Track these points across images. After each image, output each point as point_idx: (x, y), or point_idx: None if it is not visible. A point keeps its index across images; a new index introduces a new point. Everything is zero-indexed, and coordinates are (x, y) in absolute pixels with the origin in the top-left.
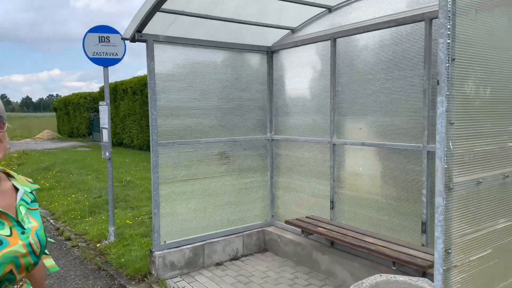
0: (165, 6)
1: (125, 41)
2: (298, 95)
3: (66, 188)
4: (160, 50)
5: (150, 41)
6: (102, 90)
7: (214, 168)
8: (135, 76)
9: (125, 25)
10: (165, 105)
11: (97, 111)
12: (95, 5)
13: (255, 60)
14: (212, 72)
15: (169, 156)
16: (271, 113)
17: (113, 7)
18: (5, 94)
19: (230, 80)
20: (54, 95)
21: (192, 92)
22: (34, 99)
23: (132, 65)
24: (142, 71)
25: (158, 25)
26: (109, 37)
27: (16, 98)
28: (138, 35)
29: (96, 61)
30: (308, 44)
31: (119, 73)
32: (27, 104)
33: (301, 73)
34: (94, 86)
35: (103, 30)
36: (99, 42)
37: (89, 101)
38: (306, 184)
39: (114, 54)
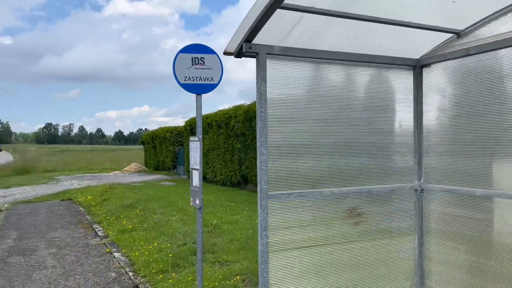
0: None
1: (224, 59)
2: (465, 125)
3: (149, 231)
4: (274, 67)
5: (262, 55)
6: (187, 124)
7: (341, 229)
8: (219, 109)
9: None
10: (277, 142)
11: (182, 144)
12: (182, 45)
13: (396, 79)
14: (339, 97)
15: (280, 213)
16: (420, 152)
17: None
18: (100, 128)
19: (362, 107)
20: (143, 129)
21: (313, 123)
22: (125, 133)
23: (210, 99)
24: (222, 106)
25: (272, 33)
26: (203, 58)
27: (110, 132)
28: (246, 46)
29: (188, 87)
30: (491, 50)
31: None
32: (119, 138)
33: (473, 95)
34: (179, 121)
35: (197, 50)
36: (192, 64)
37: (175, 135)
38: (486, 260)
39: (210, 79)
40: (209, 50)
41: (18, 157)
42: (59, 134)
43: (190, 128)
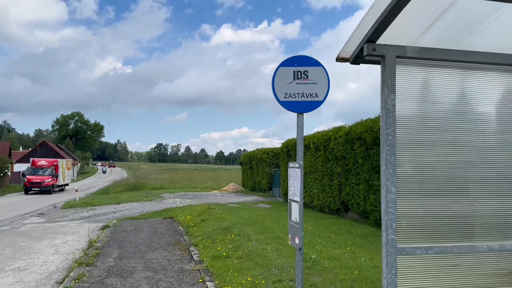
0: None
1: (328, 71)
2: None
3: (243, 260)
4: (406, 74)
5: (390, 58)
6: (284, 146)
7: None
8: (316, 131)
9: None
10: (410, 174)
11: (278, 166)
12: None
13: None
14: (501, 116)
15: (415, 275)
16: None
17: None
18: (204, 148)
19: None
20: (242, 149)
21: (461, 151)
22: (226, 153)
23: (305, 121)
24: (318, 128)
25: (403, 29)
26: (307, 72)
27: (212, 152)
28: (369, 47)
29: (289, 105)
30: None
31: (291, 132)
32: (220, 157)
33: None
34: (275, 142)
35: (300, 62)
36: (294, 79)
37: (271, 157)
38: None
39: (313, 95)
40: (314, 62)
41: (131, 174)
42: (168, 153)
43: (286, 150)
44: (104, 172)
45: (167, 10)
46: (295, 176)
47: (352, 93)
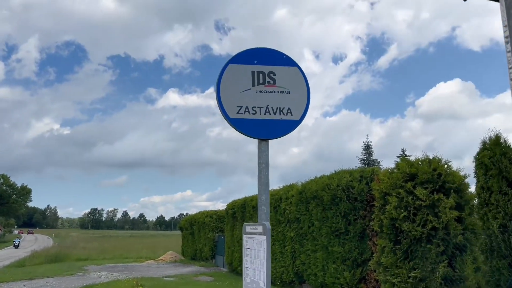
0: None
1: None
2: None
3: None
4: None
5: None
6: (229, 207)
7: None
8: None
9: (250, 149)
10: None
11: (222, 231)
12: (225, 133)
13: None
14: None
15: None
16: None
17: (240, 135)
18: (143, 213)
19: None
20: (184, 214)
21: None
22: (167, 218)
23: (245, 183)
24: (255, 190)
25: None
26: (273, 74)
27: (152, 217)
28: None
29: (245, 126)
30: None
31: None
32: (160, 223)
33: None
34: (219, 205)
35: (262, 58)
36: (254, 84)
37: (215, 220)
38: None
39: (285, 111)
40: (284, 59)
41: (58, 242)
42: (103, 219)
43: (232, 212)
44: (16, 246)
45: (113, 74)
46: (256, 248)
47: (294, 157)
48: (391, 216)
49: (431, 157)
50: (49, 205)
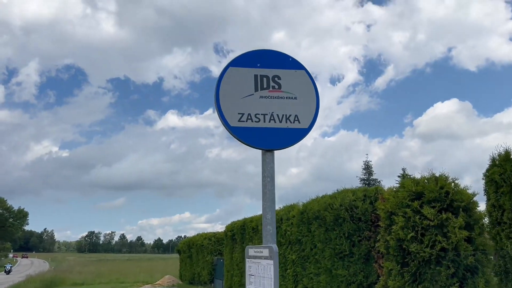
0: None
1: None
2: None
3: None
4: None
5: None
6: (228, 229)
7: None
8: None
9: (249, 169)
10: None
11: (221, 253)
12: (224, 154)
13: None
14: None
15: None
16: None
17: (239, 155)
18: (141, 236)
19: None
20: (182, 236)
21: None
22: (165, 240)
23: (239, 205)
24: (250, 212)
25: None
26: (278, 78)
27: (149, 240)
28: None
29: (247, 135)
30: None
31: (242, 212)
32: (158, 246)
33: None
34: (218, 227)
35: (266, 61)
36: (257, 89)
37: (214, 243)
38: None
39: (292, 118)
40: (290, 62)
41: (54, 266)
42: (101, 242)
43: (231, 234)
44: (7, 272)
45: (112, 96)
46: (261, 275)
47: (293, 178)
48: (398, 236)
49: (437, 174)
50: (46, 228)
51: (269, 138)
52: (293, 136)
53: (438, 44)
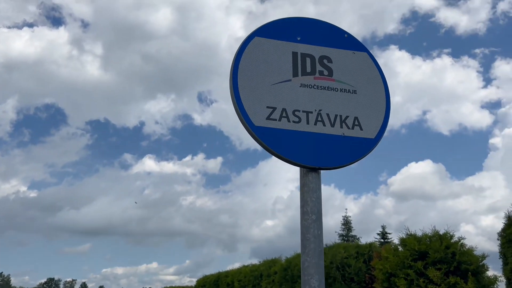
0: None
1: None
2: None
3: None
4: None
5: None
6: (199, 284)
7: None
8: (244, 265)
9: (223, 219)
10: None
11: None
12: (199, 202)
13: None
14: None
15: None
16: None
17: (214, 204)
18: (103, 285)
19: None
20: None
21: None
22: None
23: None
24: (232, 265)
25: None
26: (329, 60)
27: None
28: None
29: (280, 141)
30: None
31: (212, 264)
32: None
33: None
34: (185, 280)
35: (310, 34)
36: (296, 73)
37: None
38: None
39: (351, 122)
40: (345, 40)
41: None
42: None
43: None
44: None
45: (90, 138)
46: None
47: (268, 230)
48: None
49: (441, 232)
50: (2, 272)
51: (315, 149)
52: (353, 148)
53: (413, 107)
